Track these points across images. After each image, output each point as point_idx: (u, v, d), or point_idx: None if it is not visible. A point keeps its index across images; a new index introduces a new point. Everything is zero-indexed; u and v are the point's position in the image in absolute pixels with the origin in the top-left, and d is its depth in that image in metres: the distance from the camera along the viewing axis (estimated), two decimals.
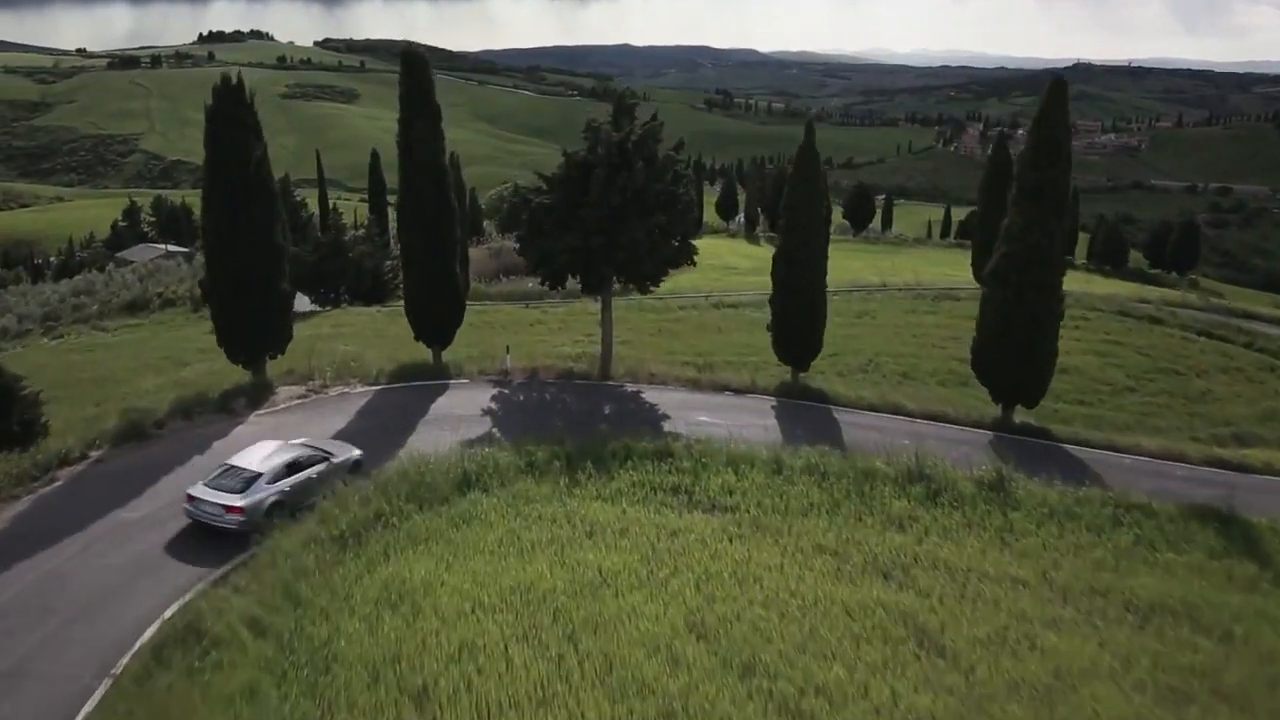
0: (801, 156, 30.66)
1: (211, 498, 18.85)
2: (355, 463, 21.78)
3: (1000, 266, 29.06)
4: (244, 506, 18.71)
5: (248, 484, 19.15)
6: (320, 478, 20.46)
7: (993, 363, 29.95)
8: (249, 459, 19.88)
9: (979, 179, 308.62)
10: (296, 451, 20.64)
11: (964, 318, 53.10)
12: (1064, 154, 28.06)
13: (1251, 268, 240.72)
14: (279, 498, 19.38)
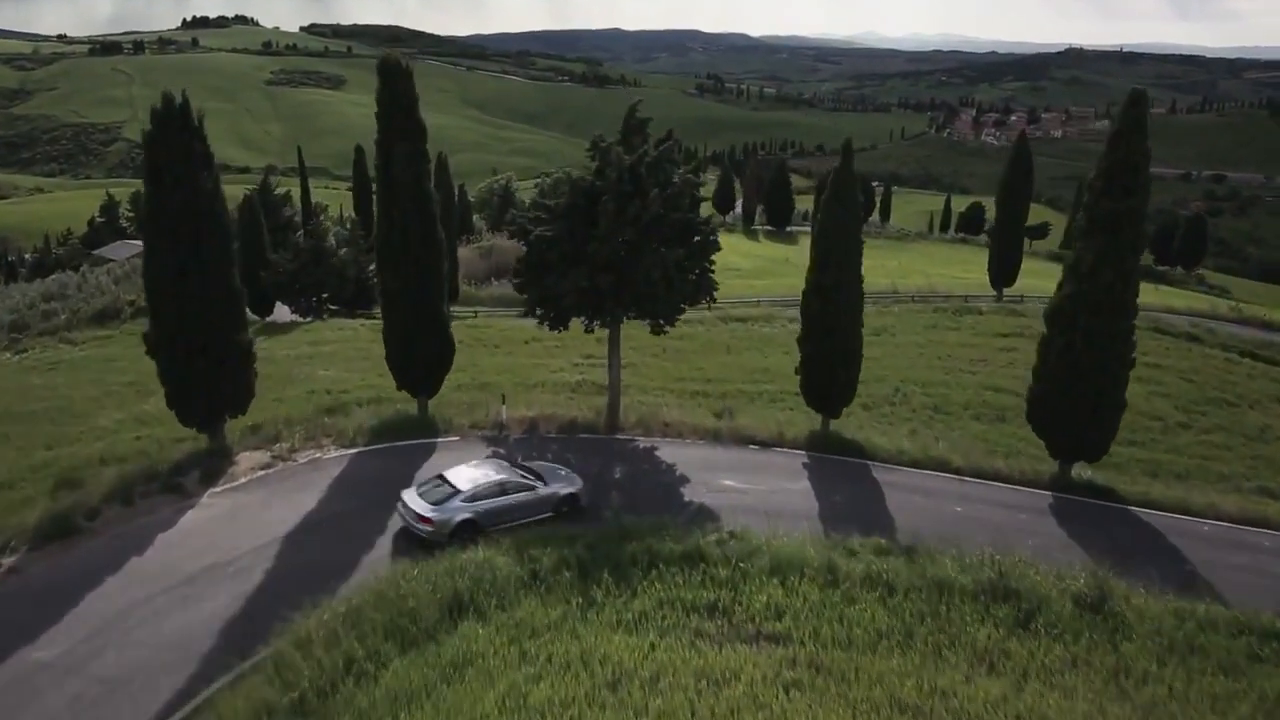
0: (839, 179, 26.98)
1: (413, 504, 20.38)
2: (568, 497, 22.15)
3: (1067, 308, 25.50)
4: (434, 520, 20.08)
5: (445, 498, 20.50)
6: (522, 505, 21.31)
7: (1055, 416, 26.46)
8: (458, 474, 21.19)
9: (973, 165, 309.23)
10: (505, 475, 21.65)
11: (988, 335, 49.88)
12: (1143, 181, 24.49)
13: (1246, 256, 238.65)
14: (471, 516, 20.40)
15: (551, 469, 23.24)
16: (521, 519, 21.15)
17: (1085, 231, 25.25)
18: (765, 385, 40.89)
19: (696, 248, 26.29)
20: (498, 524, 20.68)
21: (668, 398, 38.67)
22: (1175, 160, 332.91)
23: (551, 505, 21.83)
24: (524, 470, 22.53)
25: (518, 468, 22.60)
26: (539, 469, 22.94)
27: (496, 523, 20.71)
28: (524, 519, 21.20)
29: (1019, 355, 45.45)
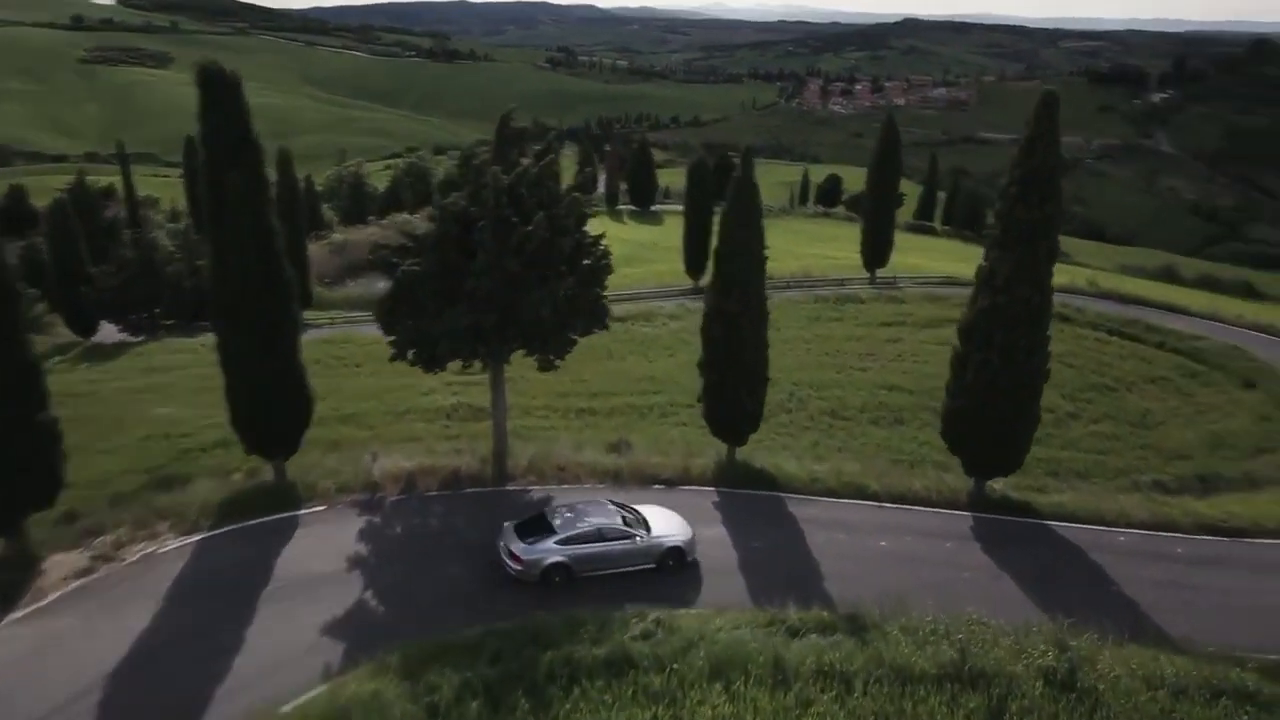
0: (738, 192, 24.64)
1: (508, 539, 20.04)
2: (673, 550, 20.92)
3: (983, 323, 24.17)
4: (524, 559, 19.60)
5: (540, 537, 19.88)
6: (621, 554, 20.40)
7: (973, 434, 25.24)
8: (559, 513, 20.67)
9: (823, 134, 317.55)
10: (606, 519, 20.78)
11: (872, 325, 49.18)
12: (1058, 187, 23.30)
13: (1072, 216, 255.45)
14: (564, 560, 19.76)
15: (662, 515, 21.95)
16: (619, 568, 20.42)
17: (999, 242, 23.93)
18: (654, 396, 38.63)
19: (587, 273, 23.44)
20: (592, 571, 20.11)
21: (553, 420, 35.85)
22: (1008, 125, 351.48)
23: (654, 557, 20.81)
24: (630, 514, 21.50)
25: (624, 511, 21.59)
26: (647, 515, 21.68)
27: (591, 569, 20.10)
28: (622, 568, 20.46)
29: (904, 347, 45.05)
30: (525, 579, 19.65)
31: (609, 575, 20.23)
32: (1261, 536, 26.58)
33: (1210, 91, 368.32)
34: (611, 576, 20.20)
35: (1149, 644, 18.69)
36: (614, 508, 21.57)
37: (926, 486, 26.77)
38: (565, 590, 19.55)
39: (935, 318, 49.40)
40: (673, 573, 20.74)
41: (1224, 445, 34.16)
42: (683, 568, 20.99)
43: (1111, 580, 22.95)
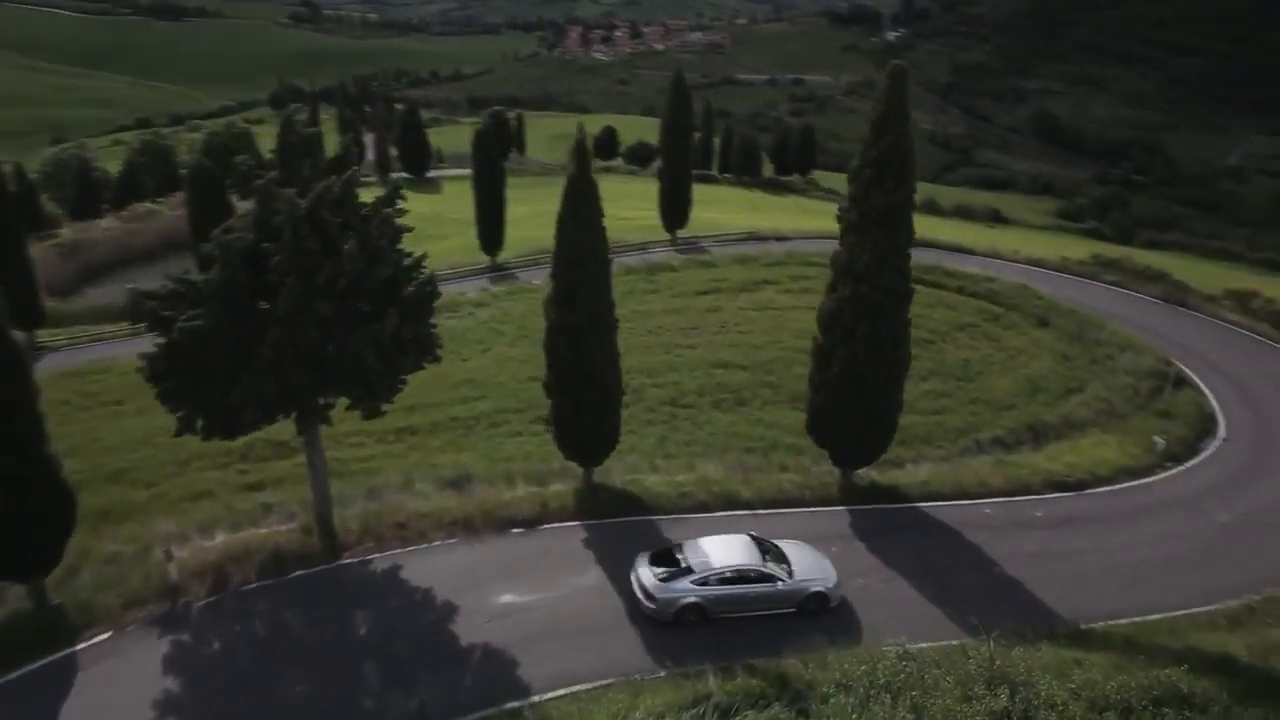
0: (575, 190, 21.64)
1: (643, 576, 19.16)
2: (816, 596, 19.62)
3: (845, 313, 22.81)
4: (658, 598, 18.72)
5: (675, 576, 19.02)
6: (761, 598, 19.30)
7: (841, 429, 24.07)
8: (697, 550, 19.66)
9: (589, 82, 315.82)
10: (747, 560, 19.55)
11: (689, 295, 47.64)
12: (913, 167, 22.10)
13: (828, 150, 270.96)
14: (699, 601, 18.85)
15: (803, 554, 20.59)
16: (758, 611, 19.34)
17: (855, 226, 22.55)
18: (479, 403, 35.19)
19: (413, 303, 19.73)
20: (729, 613, 19.12)
21: (370, 447, 31.62)
22: (762, 67, 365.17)
23: (795, 601, 19.61)
24: (773, 555, 20.15)
25: (767, 551, 20.17)
26: (790, 554, 20.29)
27: (728, 611, 19.12)
28: (761, 611, 19.37)
29: (726, 317, 43.91)
30: (659, 618, 18.79)
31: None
32: (1097, 485, 27.67)
33: (935, 30, 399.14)
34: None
35: (1061, 642, 18.34)
36: (754, 544, 20.21)
37: (795, 483, 25.56)
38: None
39: (749, 280, 48.79)
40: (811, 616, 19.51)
41: (1039, 389, 35.61)
42: (826, 612, 19.67)
43: (992, 561, 22.75)
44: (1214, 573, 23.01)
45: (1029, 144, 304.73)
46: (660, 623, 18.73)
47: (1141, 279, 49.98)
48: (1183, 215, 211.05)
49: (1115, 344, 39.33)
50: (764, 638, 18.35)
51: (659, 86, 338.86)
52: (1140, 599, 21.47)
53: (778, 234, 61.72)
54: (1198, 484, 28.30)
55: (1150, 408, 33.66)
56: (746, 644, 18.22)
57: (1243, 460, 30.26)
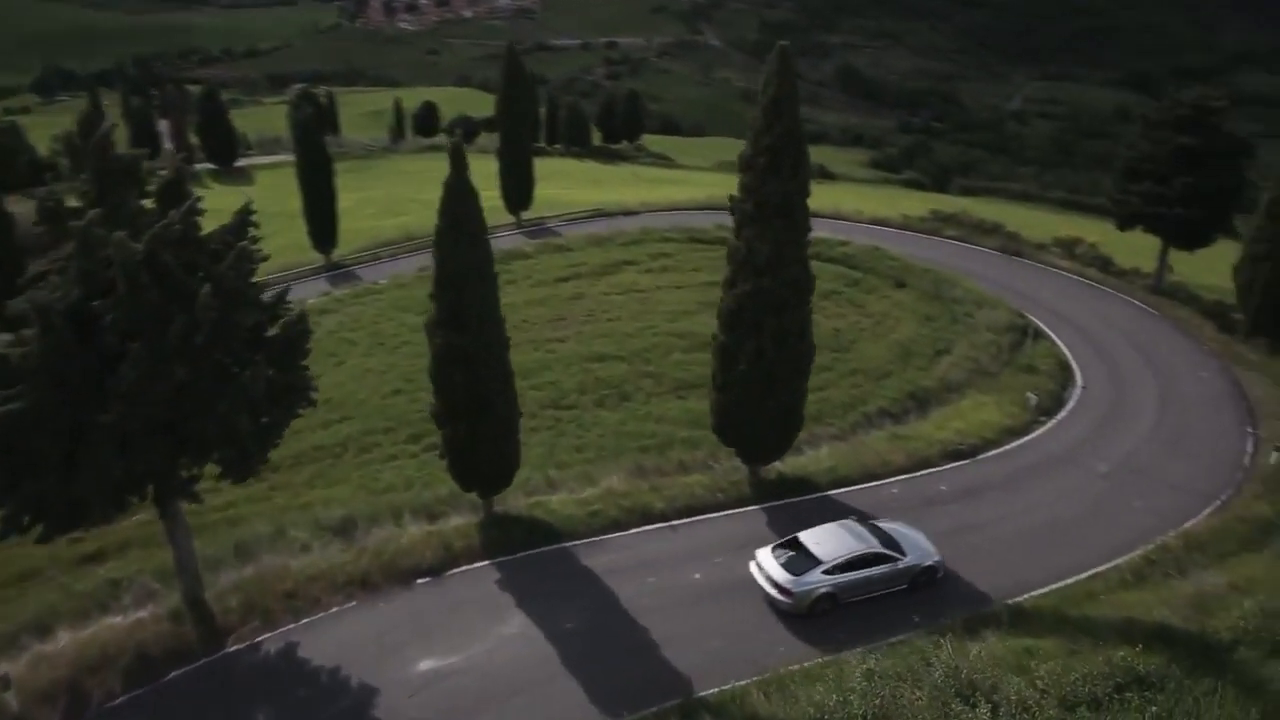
0: (455, 201, 19.33)
1: (772, 572, 19.45)
2: (927, 570, 20.46)
3: (749, 309, 21.79)
4: (794, 592, 19.05)
5: (806, 569, 19.27)
6: (881, 579, 19.85)
7: (751, 427, 23.18)
8: (817, 541, 19.97)
9: (397, 54, 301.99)
10: (866, 545, 20.03)
11: (549, 282, 45.62)
12: (805, 151, 21.17)
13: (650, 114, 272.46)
14: (831, 590, 19.26)
15: (908, 535, 21.34)
16: (878, 592, 20.03)
17: (753, 217, 21.46)
18: (342, 427, 32.23)
19: (282, 347, 17.05)
20: (854, 597, 19.73)
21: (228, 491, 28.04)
22: (573, 30, 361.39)
23: (909, 578, 20.41)
24: (881, 536, 20.65)
25: (874, 533, 20.71)
26: (894, 534, 20.98)
27: (853, 596, 19.73)
28: (880, 592, 20.06)
29: (591, 304, 42.35)
30: (794, 612, 19.18)
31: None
32: (987, 449, 28.31)
33: None
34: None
35: (1005, 629, 18.25)
36: (867, 529, 20.74)
37: (705, 485, 24.56)
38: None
39: (608, 262, 47.35)
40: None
41: (911, 354, 36.27)
42: (934, 585, 20.55)
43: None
44: (1108, 527, 23.88)
45: (837, 97, 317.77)
46: (796, 616, 19.18)
47: (979, 232, 52.17)
48: (978, 159, 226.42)
49: (971, 301, 40.66)
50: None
51: (470, 56, 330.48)
52: (1054, 564, 21.93)
53: (625, 209, 60.45)
54: (1072, 437, 29.46)
55: (1015, 362, 34.93)
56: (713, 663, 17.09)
57: (1103, 407, 31.81)
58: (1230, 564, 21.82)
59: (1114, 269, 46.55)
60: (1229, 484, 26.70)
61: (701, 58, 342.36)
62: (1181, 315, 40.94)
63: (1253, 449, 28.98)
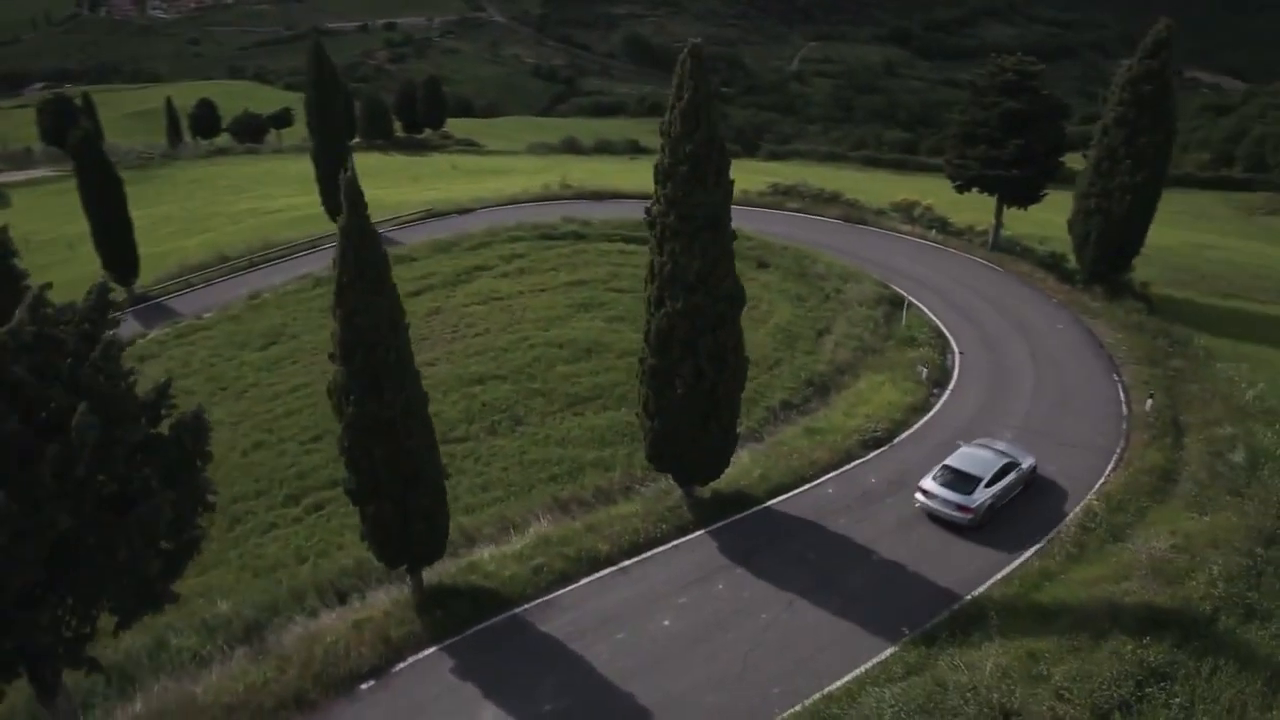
0: (355, 240, 16.50)
1: (945, 495, 22.51)
2: (1033, 469, 24.47)
3: (680, 330, 20.26)
4: (973, 508, 22.25)
5: (972, 486, 22.51)
6: (1014, 484, 23.45)
7: (690, 451, 21.78)
8: (967, 461, 23.28)
9: (154, 46, 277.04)
10: (1004, 459, 23.54)
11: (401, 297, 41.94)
12: (728, 156, 19.76)
13: (446, 95, 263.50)
14: (992, 501, 22.61)
15: (1011, 444, 25.22)
16: (1011, 496, 23.37)
17: (678, 231, 19.87)
18: None
19: (172, 450, 13.89)
20: (1000, 503, 22.87)
21: None
22: (348, 12, 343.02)
23: (1026, 480, 24.05)
24: (1005, 449, 24.35)
25: (1000, 448, 24.33)
26: (1007, 447, 24.76)
27: (1000, 502, 22.86)
28: (1012, 496, 23.40)
29: (451, 318, 39.50)
30: (972, 525, 22.35)
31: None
32: (900, 431, 28.42)
33: None
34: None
35: (997, 631, 17.93)
36: (992, 447, 24.39)
37: (641, 514, 23.01)
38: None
39: (460, 270, 44.40)
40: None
41: (793, 337, 36.09)
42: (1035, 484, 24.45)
43: (866, 549, 22.15)
44: (1035, 497, 24.39)
45: (627, 67, 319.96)
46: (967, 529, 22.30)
47: (820, 202, 53.02)
48: (770, 120, 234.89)
49: (836, 275, 41.08)
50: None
51: (238, 45, 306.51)
52: (999, 544, 22.12)
53: (460, 207, 57.20)
54: (969, 406, 30.11)
55: (895, 335, 35.49)
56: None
57: (984, 371, 32.79)
58: (1152, 520, 22.77)
59: (952, 229, 48.51)
60: (1118, 435, 28.08)
61: (487, 35, 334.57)
62: (1024, 270, 43.18)
63: (1124, 396, 30.70)
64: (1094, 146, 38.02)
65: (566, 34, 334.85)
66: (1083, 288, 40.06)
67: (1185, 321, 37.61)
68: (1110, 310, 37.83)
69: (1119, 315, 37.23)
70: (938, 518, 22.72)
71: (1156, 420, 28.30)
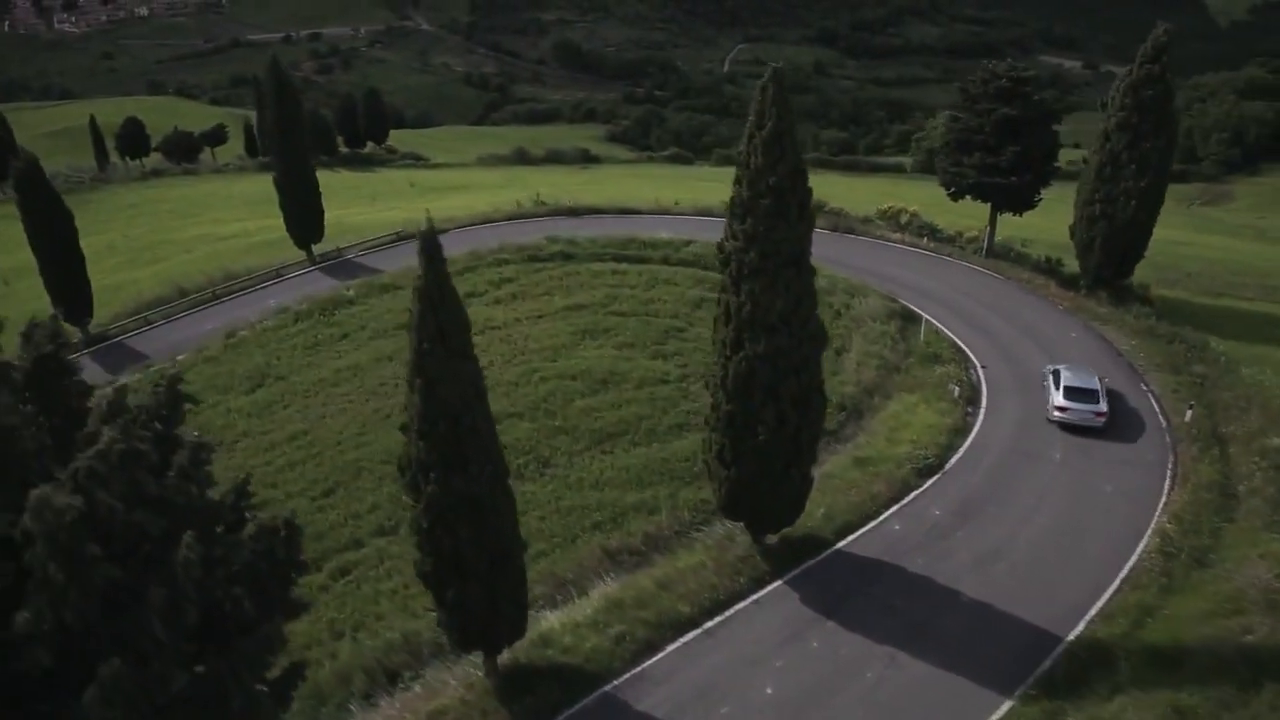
0: (431, 302, 14.72)
1: (1078, 408, 28.40)
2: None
3: (763, 373, 18.89)
4: (1105, 411, 28.38)
5: (1097, 398, 28.58)
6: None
7: (770, 498, 20.45)
8: (1083, 380, 29.43)
9: (65, 59, 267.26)
10: (1099, 374, 30.25)
11: (389, 331, 39.55)
12: (809, 188, 18.48)
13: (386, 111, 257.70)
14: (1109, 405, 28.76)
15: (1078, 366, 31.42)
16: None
17: (759, 269, 18.51)
18: None
19: (264, 560, 12.02)
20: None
21: None
22: (270, 23, 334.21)
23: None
24: (1085, 370, 30.77)
25: (1081, 369, 30.86)
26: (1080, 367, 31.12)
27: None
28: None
29: None
30: (1100, 425, 28.30)
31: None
32: (949, 455, 27.54)
33: None
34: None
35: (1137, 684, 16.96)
36: (1079, 368, 30.70)
37: (713, 566, 21.59)
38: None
39: None
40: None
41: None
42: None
43: (951, 590, 21.12)
44: (1104, 519, 23.87)
45: (558, 73, 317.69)
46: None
47: None
48: (707, 123, 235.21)
49: (841, 290, 40.20)
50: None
51: (156, 59, 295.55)
52: (1085, 578, 21.41)
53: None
54: (1008, 424, 29.42)
55: (914, 351, 34.70)
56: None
57: (1011, 386, 32.16)
58: (1230, 542, 22.22)
59: (942, 236, 48.15)
60: (1164, 449, 27.68)
61: (415, 44, 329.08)
62: (1023, 276, 42.95)
63: (1158, 407, 30.35)
64: (1095, 152, 37.87)
65: (496, 41, 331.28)
66: (1086, 293, 39.88)
67: (1188, 324, 37.66)
68: (1118, 316, 37.68)
69: (1128, 321, 37.10)
70: (1074, 425, 28.28)
71: (1199, 432, 27.95)
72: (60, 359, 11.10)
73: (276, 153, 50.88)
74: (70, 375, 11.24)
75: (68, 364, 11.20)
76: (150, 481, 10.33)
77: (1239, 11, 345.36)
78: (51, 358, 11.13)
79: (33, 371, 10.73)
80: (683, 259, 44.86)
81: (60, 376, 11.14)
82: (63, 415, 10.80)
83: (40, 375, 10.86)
